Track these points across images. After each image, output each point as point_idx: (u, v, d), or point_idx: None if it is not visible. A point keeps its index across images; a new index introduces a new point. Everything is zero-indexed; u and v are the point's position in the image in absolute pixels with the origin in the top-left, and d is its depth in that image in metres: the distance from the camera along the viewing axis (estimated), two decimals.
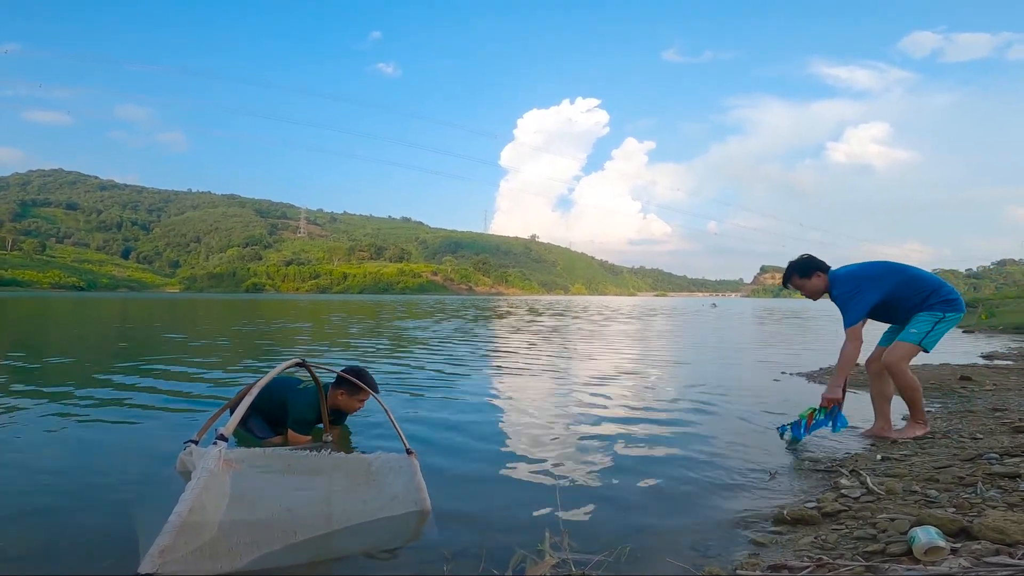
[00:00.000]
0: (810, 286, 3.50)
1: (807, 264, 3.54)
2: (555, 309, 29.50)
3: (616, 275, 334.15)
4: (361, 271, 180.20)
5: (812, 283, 3.49)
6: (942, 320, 3.28)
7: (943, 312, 3.28)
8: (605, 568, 1.75)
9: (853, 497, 2.33)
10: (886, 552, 1.75)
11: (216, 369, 6.34)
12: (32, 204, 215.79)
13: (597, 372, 6.29)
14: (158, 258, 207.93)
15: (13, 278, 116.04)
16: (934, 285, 3.36)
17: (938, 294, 3.32)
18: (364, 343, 9.92)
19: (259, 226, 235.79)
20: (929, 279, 3.42)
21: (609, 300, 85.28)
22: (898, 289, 3.35)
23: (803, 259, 3.57)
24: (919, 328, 3.29)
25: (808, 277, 3.50)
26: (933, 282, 3.39)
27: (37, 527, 2.02)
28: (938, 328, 3.28)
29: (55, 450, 2.99)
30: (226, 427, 1.93)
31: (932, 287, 3.35)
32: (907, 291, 3.35)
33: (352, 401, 3.19)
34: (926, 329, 3.27)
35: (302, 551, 1.84)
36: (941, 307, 3.29)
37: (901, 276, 3.41)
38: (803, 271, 3.53)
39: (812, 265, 3.53)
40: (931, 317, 3.28)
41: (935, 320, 3.28)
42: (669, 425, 3.78)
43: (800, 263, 3.56)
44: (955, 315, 3.32)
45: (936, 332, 3.28)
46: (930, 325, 3.27)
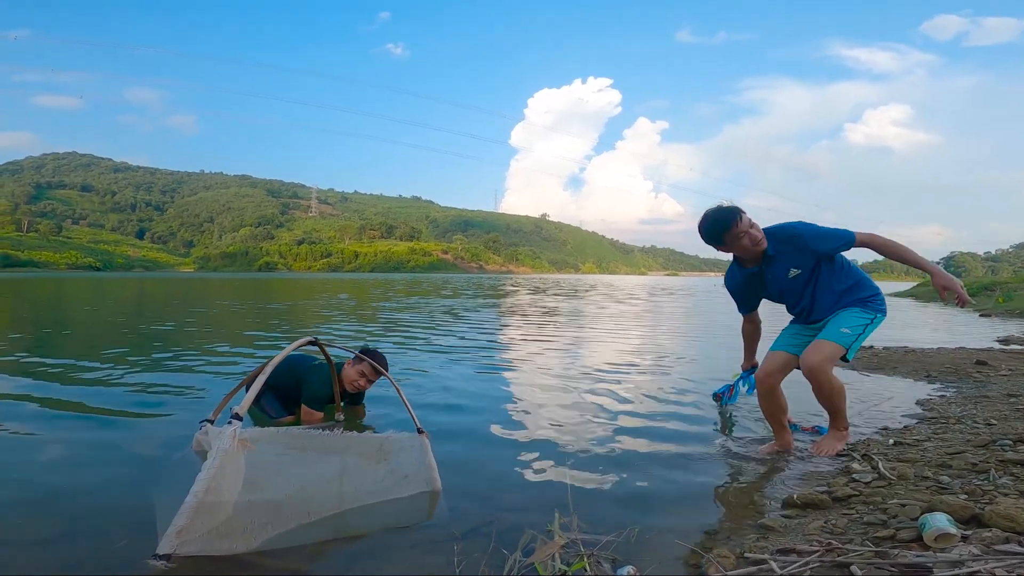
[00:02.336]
0: (758, 230, 2.64)
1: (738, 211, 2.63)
2: (562, 289, 29.46)
3: (627, 254, 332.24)
4: (372, 250, 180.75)
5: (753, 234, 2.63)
6: (872, 323, 2.66)
7: (875, 312, 2.67)
8: (614, 549, 1.76)
9: (864, 482, 2.32)
10: (896, 538, 1.74)
11: (232, 346, 6.43)
12: (47, 187, 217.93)
13: (607, 353, 6.30)
14: (172, 238, 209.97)
15: (30, 259, 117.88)
16: (859, 272, 2.75)
17: (865, 286, 2.71)
18: (366, 323, 9.99)
19: (271, 206, 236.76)
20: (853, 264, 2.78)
21: (619, 279, 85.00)
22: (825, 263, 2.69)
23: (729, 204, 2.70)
24: (852, 325, 2.62)
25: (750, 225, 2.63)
26: (857, 267, 2.78)
27: (55, 509, 2.05)
28: (867, 332, 2.65)
29: (71, 432, 3.04)
30: (240, 406, 1.95)
31: (857, 274, 2.73)
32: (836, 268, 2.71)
33: (352, 371, 3.21)
34: (857, 331, 2.62)
35: (315, 531, 1.87)
36: (873, 306, 2.67)
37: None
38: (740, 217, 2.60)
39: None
40: (864, 315, 2.64)
41: (868, 320, 2.65)
42: (679, 407, 3.78)
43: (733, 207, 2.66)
44: (881, 318, 2.70)
45: (864, 336, 2.65)
46: (862, 325, 2.63)
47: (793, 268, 2.71)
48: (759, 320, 3.12)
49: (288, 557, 1.73)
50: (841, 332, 2.62)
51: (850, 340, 2.60)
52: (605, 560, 1.68)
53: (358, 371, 3.20)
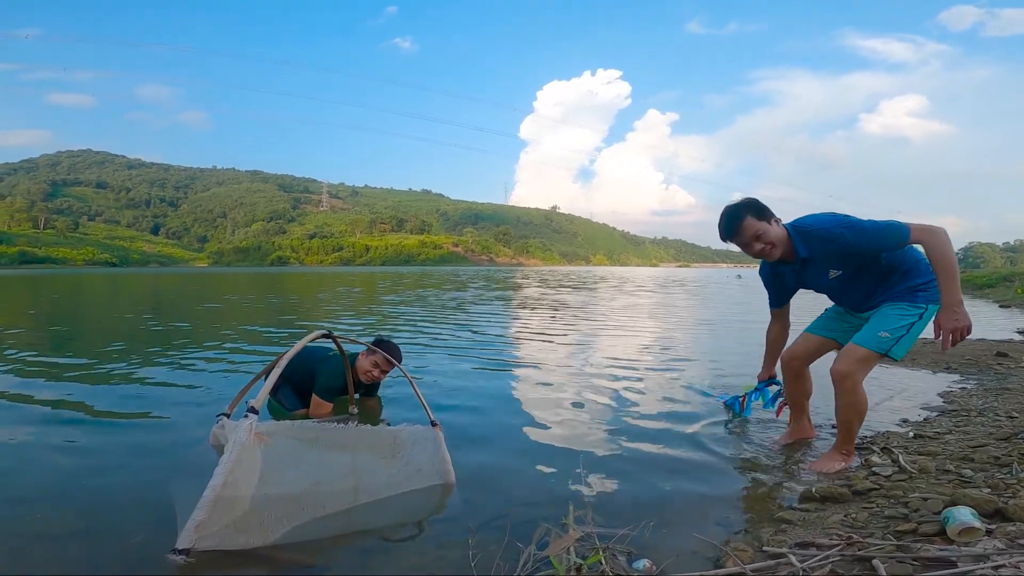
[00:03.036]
0: (773, 232, 2.33)
1: (760, 203, 2.35)
2: (571, 281, 29.38)
3: (638, 245, 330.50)
4: (383, 243, 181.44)
5: (774, 229, 2.34)
6: (922, 317, 2.30)
7: (926, 303, 2.28)
8: (629, 542, 1.75)
9: (884, 475, 2.29)
10: (918, 532, 1.72)
11: (248, 342, 6.49)
12: (63, 184, 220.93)
13: (618, 348, 6.26)
14: (186, 233, 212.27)
15: (48, 256, 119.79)
16: (912, 255, 2.35)
17: (919, 272, 2.32)
18: (380, 313, 10.03)
19: (282, 201, 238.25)
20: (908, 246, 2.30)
21: (630, 271, 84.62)
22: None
23: (751, 198, 2.39)
24: (892, 327, 2.29)
25: (768, 220, 2.33)
26: (911, 250, 2.34)
27: (76, 504, 2.07)
28: (915, 329, 2.31)
29: (89, 427, 3.07)
30: (256, 399, 1.96)
31: (911, 259, 2.35)
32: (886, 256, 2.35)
33: (365, 362, 3.23)
34: (900, 332, 2.28)
35: (330, 524, 1.88)
36: (924, 295, 2.29)
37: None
38: (759, 211, 2.32)
39: (765, 206, 2.35)
40: (910, 311, 2.29)
41: (914, 317, 2.28)
42: (692, 401, 3.75)
43: (751, 201, 2.35)
44: (935, 308, 2.26)
45: (911, 336, 2.31)
46: (906, 324, 2.28)
47: (833, 269, 2.41)
48: (788, 322, 2.81)
49: (303, 551, 1.73)
50: (879, 337, 2.31)
51: (888, 344, 2.30)
52: (620, 553, 1.67)
53: (371, 362, 3.21)
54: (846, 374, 2.34)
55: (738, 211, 2.33)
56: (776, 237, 2.33)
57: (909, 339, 2.30)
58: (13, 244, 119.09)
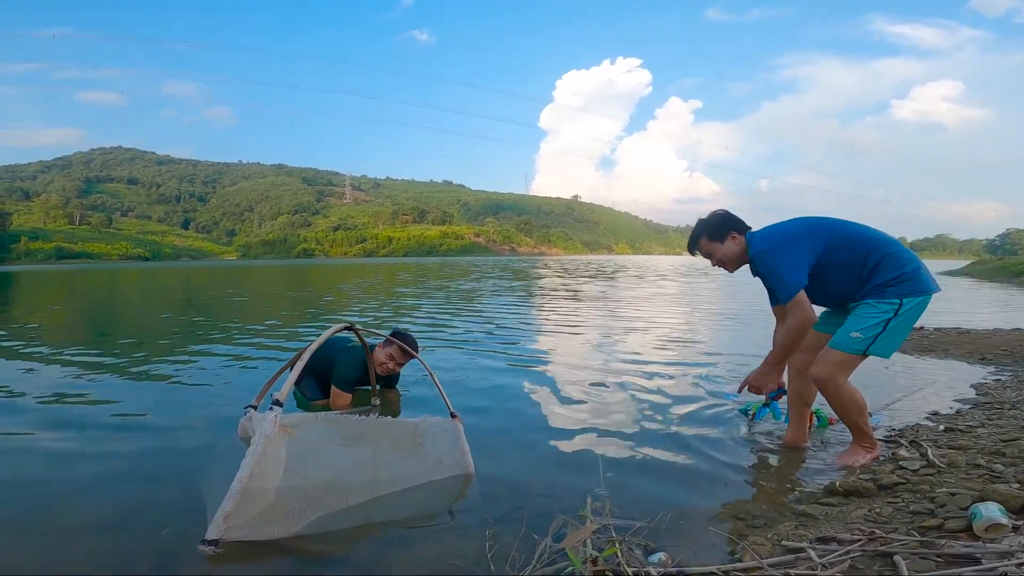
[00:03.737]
0: (723, 251, 2.52)
1: (721, 222, 2.54)
2: (591, 271, 29.17)
3: (661, 234, 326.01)
4: (405, 234, 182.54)
5: (726, 248, 2.51)
6: (898, 312, 2.21)
7: (898, 298, 2.21)
8: (646, 535, 1.75)
9: (912, 469, 2.24)
10: (944, 527, 1.68)
11: (275, 332, 6.63)
12: (96, 180, 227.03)
13: (643, 338, 6.23)
14: (215, 227, 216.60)
15: (84, 251, 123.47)
16: (882, 249, 2.29)
17: (888, 266, 2.25)
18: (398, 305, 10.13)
19: (307, 194, 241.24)
20: (875, 240, 2.32)
21: (653, 259, 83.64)
22: (830, 253, 2.33)
23: (716, 215, 2.57)
24: (863, 327, 2.24)
25: (720, 240, 2.52)
26: (880, 244, 2.31)
27: (109, 497, 2.14)
28: (893, 327, 2.23)
29: (122, 420, 3.16)
30: (281, 392, 2.01)
31: (879, 253, 2.28)
32: (843, 256, 2.32)
33: (380, 354, 3.25)
34: (874, 331, 2.23)
35: (352, 515, 1.92)
36: (895, 290, 2.22)
37: (833, 234, 2.36)
38: (714, 231, 2.53)
39: (727, 223, 2.53)
40: (881, 309, 2.23)
41: (887, 313, 2.22)
42: (712, 395, 3.70)
43: (711, 220, 2.56)
44: (915, 300, 2.22)
45: (892, 333, 2.23)
46: (880, 323, 2.22)
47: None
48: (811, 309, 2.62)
49: (327, 541, 1.78)
50: (851, 338, 2.28)
51: (862, 345, 2.26)
52: (637, 546, 1.67)
53: (387, 354, 3.24)
54: (825, 379, 2.34)
55: (695, 232, 2.60)
56: (727, 255, 2.53)
57: (889, 336, 2.25)
58: (50, 240, 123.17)
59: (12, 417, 3.19)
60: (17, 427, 2.97)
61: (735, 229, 2.53)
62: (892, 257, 2.27)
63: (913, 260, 2.29)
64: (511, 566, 1.57)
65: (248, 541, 1.68)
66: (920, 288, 2.23)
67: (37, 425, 3.02)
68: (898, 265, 2.26)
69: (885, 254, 2.28)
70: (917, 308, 2.25)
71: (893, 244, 2.33)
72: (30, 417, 3.19)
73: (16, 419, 3.14)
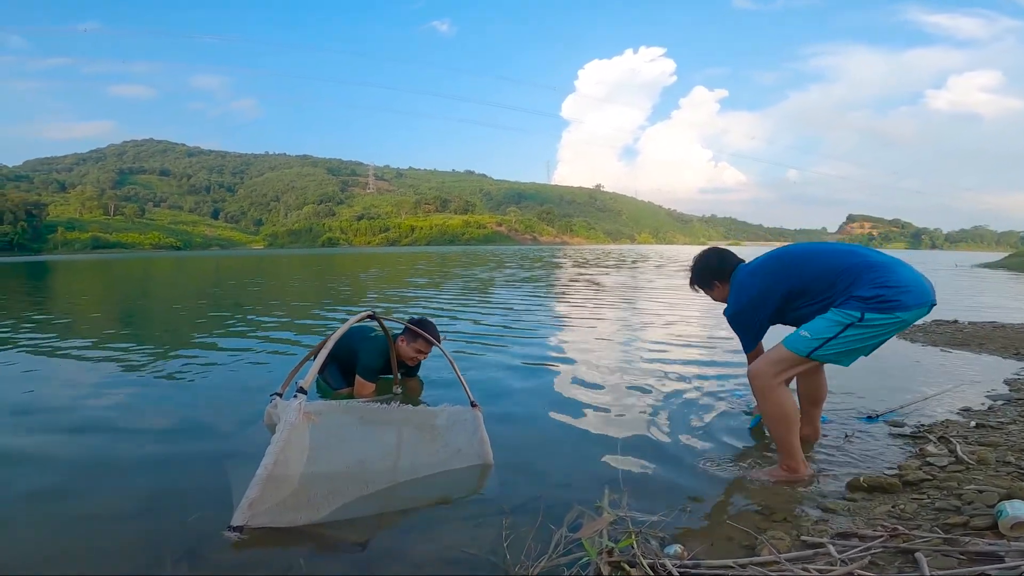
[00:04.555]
0: (713, 296, 2.62)
1: (703, 271, 2.59)
2: (612, 261, 28.92)
3: (685, 224, 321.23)
4: (428, 223, 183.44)
5: (716, 294, 2.60)
6: (857, 324, 2.03)
7: (860, 311, 2.03)
8: (663, 527, 1.76)
9: (939, 466, 2.20)
10: (969, 525, 1.65)
11: (300, 320, 6.77)
12: (129, 172, 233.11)
13: (663, 332, 6.17)
14: (243, 217, 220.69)
15: (118, 241, 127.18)
16: (851, 275, 2.11)
17: (859, 286, 2.07)
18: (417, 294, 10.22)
19: (331, 184, 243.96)
20: (845, 267, 2.14)
21: (677, 249, 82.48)
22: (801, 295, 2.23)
23: (699, 262, 2.61)
24: (815, 331, 2.10)
25: (708, 287, 2.60)
26: (849, 270, 2.12)
27: (138, 484, 2.20)
28: (849, 336, 2.05)
29: (155, 408, 3.26)
30: (304, 380, 2.05)
31: (847, 279, 2.11)
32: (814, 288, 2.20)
33: (409, 349, 3.30)
34: (825, 335, 2.07)
35: (372, 502, 1.96)
36: (858, 303, 2.04)
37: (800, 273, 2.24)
38: (701, 280, 2.61)
39: (709, 272, 2.57)
40: (837, 318, 2.07)
41: (844, 321, 2.05)
42: (733, 388, 3.66)
43: (696, 269, 2.62)
44: (881, 317, 2.02)
45: (845, 341, 2.06)
46: (833, 328, 2.07)
47: None
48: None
49: (348, 528, 1.82)
50: (799, 336, 2.14)
51: (806, 346, 2.10)
52: (653, 538, 1.68)
53: (414, 348, 3.29)
54: (755, 374, 2.20)
55: (690, 280, 2.68)
56: (715, 298, 2.62)
57: (841, 343, 2.07)
58: (86, 230, 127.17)
59: (44, 406, 3.30)
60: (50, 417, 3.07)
61: (717, 277, 2.56)
62: (861, 281, 2.09)
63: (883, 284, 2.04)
64: (527, 555, 1.59)
65: (272, 528, 1.72)
66: (890, 307, 2.01)
67: (68, 413, 3.13)
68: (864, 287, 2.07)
69: (854, 279, 2.11)
70: (885, 325, 2.04)
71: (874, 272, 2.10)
72: (62, 406, 3.30)
73: (48, 409, 3.25)
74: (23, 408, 3.22)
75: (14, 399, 3.40)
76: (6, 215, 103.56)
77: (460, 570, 1.61)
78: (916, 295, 2.04)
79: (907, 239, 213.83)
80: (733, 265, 2.52)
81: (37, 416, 3.09)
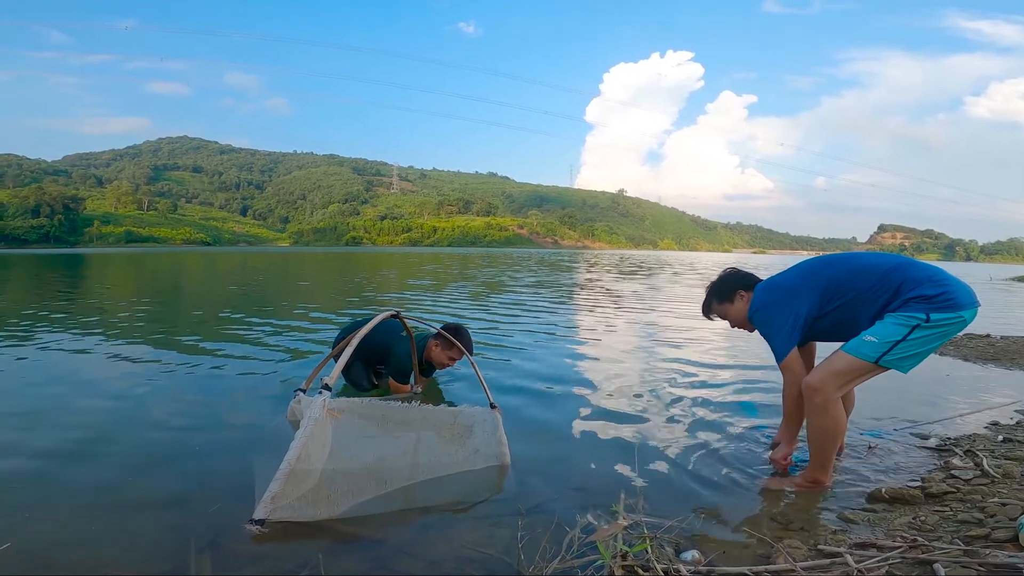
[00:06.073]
0: (734, 312, 2.44)
1: (727, 280, 2.47)
2: (632, 267, 28.68)
3: (709, 230, 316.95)
4: (450, 225, 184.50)
5: (736, 308, 2.43)
6: (924, 325, 1.95)
7: (925, 312, 1.96)
8: (678, 533, 1.77)
9: (964, 479, 2.17)
10: (990, 537, 1.63)
11: (327, 317, 6.89)
12: (163, 168, 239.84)
13: (684, 336, 6.13)
14: (271, 215, 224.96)
15: (151, 235, 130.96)
16: (899, 275, 2.05)
17: (911, 288, 2.01)
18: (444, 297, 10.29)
19: (356, 183, 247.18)
20: (889, 268, 2.08)
21: (700, 256, 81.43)
22: (838, 295, 2.13)
23: (725, 276, 2.50)
24: (882, 335, 2.00)
25: (730, 300, 2.45)
26: (895, 270, 2.07)
27: (163, 476, 2.26)
28: (917, 337, 1.97)
29: (180, 400, 3.34)
30: (330, 376, 2.09)
31: (894, 280, 2.05)
32: (853, 293, 2.11)
33: (443, 355, 3.31)
34: (893, 337, 1.98)
35: (390, 500, 1.99)
36: (922, 304, 1.97)
37: (838, 275, 2.16)
38: (722, 293, 2.47)
39: (733, 282, 2.45)
40: (904, 319, 1.98)
41: (910, 323, 1.96)
42: (758, 393, 3.64)
43: (720, 282, 2.49)
44: (946, 316, 1.95)
45: (914, 344, 1.97)
46: (901, 331, 1.97)
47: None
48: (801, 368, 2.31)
49: (366, 524, 1.85)
50: (864, 341, 2.03)
51: (874, 351, 2.00)
52: (668, 544, 1.69)
53: (448, 356, 3.29)
54: (816, 387, 2.07)
55: (706, 297, 2.55)
56: (736, 315, 2.45)
57: (911, 346, 1.98)
58: (120, 225, 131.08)
59: (74, 396, 3.42)
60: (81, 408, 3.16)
61: (742, 287, 2.42)
62: (914, 281, 2.03)
63: (942, 282, 2.01)
64: (541, 556, 1.60)
65: (293, 522, 1.76)
66: (953, 304, 1.96)
67: (97, 404, 3.24)
68: (923, 286, 2.01)
69: (904, 279, 2.04)
70: (950, 325, 1.98)
71: (913, 269, 2.07)
72: (90, 396, 3.42)
73: (78, 399, 3.36)
74: (53, 400, 3.32)
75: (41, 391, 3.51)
76: (43, 208, 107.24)
77: (474, 569, 1.63)
78: (965, 294, 2.00)
79: (940, 250, 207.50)
80: (757, 280, 2.43)
81: (69, 406, 3.19)
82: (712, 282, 2.54)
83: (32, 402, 3.27)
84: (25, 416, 3.00)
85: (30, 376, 3.89)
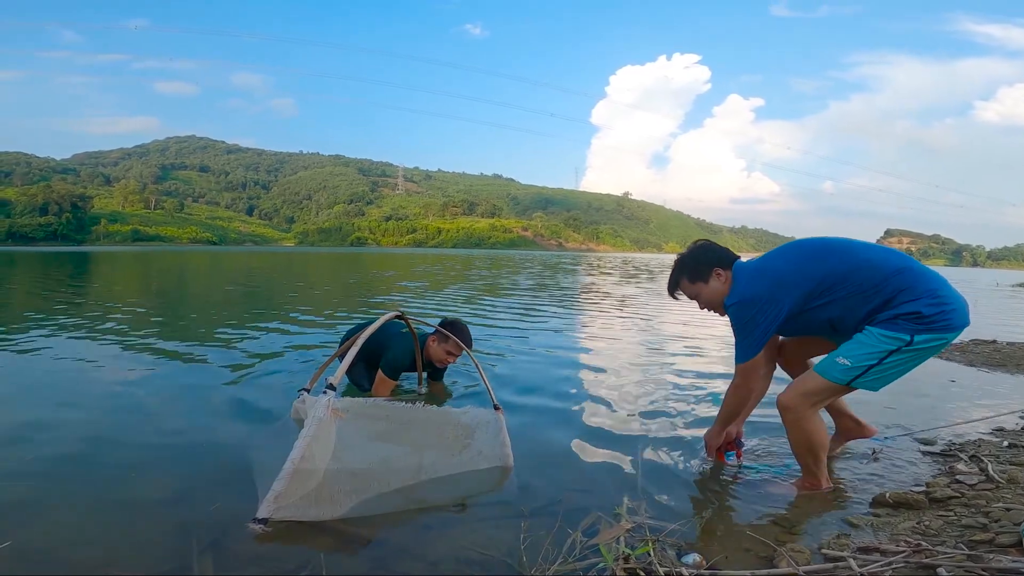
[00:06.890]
0: (708, 292, 2.17)
1: (701, 258, 2.18)
2: (635, 270, 28.64)
3: (714, 234, 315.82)
4: (454, 226, 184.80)
5: (711, 288, 2.16)
6: (904, 348, 1.85)
7: (910, 333, 1.83)
8: (680, 536, 1.76)
9: (969, 484, 2.16)
10: (994, 542, 1.62)
11: (327, 317, 6.92)
12: (171, 167, 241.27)
13: (688, 339, 6.12)
14: (276, 215, 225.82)
15: (157, 234, 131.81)
16: (904, 280, 1.89)
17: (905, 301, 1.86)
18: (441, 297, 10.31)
19: (361, 184, 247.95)
20: (898, 268, 1.91)
21: None
22: (830, 291, 1.96)
23: (697, 250, 2.21)
24: (854, 355, 1.90)
25: (704, 279, 2.17)
26: (903, 275, 1.90)
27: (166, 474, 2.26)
28: (893, 362, 1.87)
29: (184, 401, 3.33)
30: (334, 376, 2.11)
31: (899, 283, 1.88)
32: (844, 291, 1.94)
33: (440, 351, 3.29)
34: (867, 361, 1.88)
35: (392, 501, 1.98)
36: (909, 322, 1.84)
37: (834, 268, 1.96)
38: (695, 270, 2.18)
39: (708, 257, 2.17)
40: (885, 338, 1.86)
41: (891, 345, 1.86)
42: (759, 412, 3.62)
43: (691, 257, 2.20)
44: (932, 337, 1.84)
45: (888, 368, 1.89)
46: (877, 353, 1.87)
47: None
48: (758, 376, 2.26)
49: (369, 525, 1.84)
50: (836, 363, 1.94)
51: (846, 375, 1.92)
52: (671, 547, 1.69)
53: (445, 350, 3.29)
54: (787, 407, 2.03)
55: (673, 273, 2.26)
56: (710, 297, 2.19)
57: (884, 370, 1.90)
58: (127, 223, 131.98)
59: (78, 393, 3.45)
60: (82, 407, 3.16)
61: (719, 264, 2.16)
62: (913, 292, 1.88)
63: (942, 301, 1.86)
64: (543, 558, 1.60)
65: (296, 521, 1.76)
66: (946, 326, 1.84)
67: (102, 400, 3.27)
68: (920, 301, 1.86)
69: (904, 287, 1.89)
70: (931, 347, 1.88)
71: (916, 278, 1.91)
72: (95, 393, 3.45)
73: (82, 396, 3.39)
74: (57, 395, 3.35)
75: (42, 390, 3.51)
76: (51, 206, 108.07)
77: (476, 570, 1.63)
78: (961, 314, 1.88)
79: (947, 256, 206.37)
80: (735, 257, 2.19)
81: (70, 405, 3.19)
82: (681, 256, 2.24)
83: (32, 401, 3.27)
84: (25, 416, 2.99)
85: (31, 375, 3.91)
